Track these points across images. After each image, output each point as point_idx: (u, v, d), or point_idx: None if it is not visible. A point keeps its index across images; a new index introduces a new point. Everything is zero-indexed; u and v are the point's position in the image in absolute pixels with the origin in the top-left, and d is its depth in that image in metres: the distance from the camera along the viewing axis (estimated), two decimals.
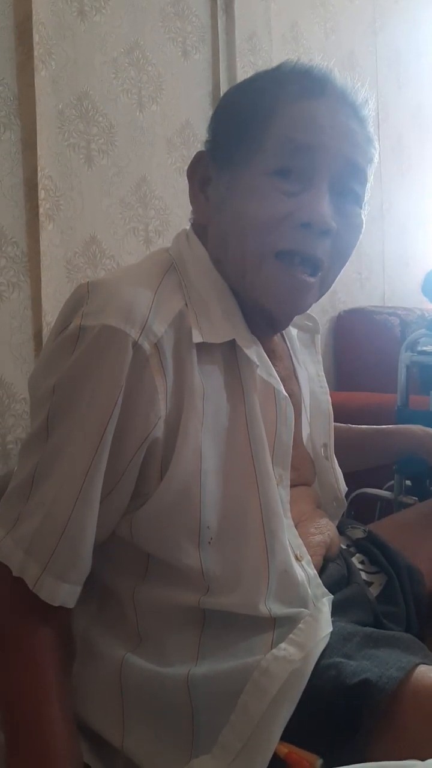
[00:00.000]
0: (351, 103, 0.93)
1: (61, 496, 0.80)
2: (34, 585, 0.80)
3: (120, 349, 0.79)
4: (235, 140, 0.91)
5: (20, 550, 0.80)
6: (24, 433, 1.78)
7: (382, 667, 0.77)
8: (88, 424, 0.80)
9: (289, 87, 0.90)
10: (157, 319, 0.82)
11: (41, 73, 1.73)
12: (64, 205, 1.82)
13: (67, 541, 0.81)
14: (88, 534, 0.82)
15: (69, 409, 0.82)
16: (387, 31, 3.11)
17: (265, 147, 0.88)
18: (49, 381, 0.84)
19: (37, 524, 0.80)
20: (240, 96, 0.95)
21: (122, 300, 0.81)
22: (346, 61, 2.85)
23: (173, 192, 2.12)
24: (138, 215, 2.02)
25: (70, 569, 0.81)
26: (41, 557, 0.80)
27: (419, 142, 3.34)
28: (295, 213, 0.86)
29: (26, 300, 1.76)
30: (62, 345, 0.82)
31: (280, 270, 0.89)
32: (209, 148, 0.98)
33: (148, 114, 2.04)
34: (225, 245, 0.93)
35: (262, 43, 2.39)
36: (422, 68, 3.35)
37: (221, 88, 2.24)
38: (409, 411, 1.85)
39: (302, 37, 2.63)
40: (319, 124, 0.88)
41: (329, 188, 0.88)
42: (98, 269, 1.91)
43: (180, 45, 2.13)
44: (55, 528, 0.80)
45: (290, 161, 0.87)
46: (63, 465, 0.81)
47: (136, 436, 0.82)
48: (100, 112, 1.91)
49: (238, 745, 0.76)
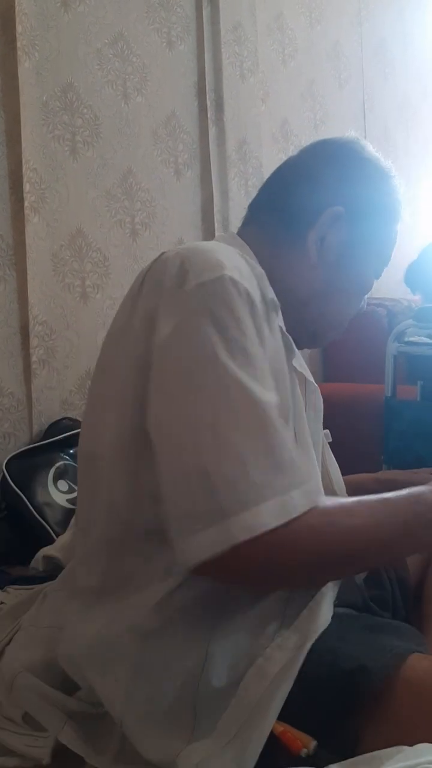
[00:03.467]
0: None
1: (280, 425, 0.82)
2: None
3: (243, 296, 0.84)
4: (373, 232, 1.04)
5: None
6: (12, 428, 1.78)
7: (379, 654, 0.79)
8: (262, 361, 0.84)
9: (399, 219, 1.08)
10: (250, 281, 0.88)
11: (25, 65, 1.72)
12: (49, 198, 1.81)
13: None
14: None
15: (246, 355, 0.83)
16: (372, 21, 3.10)
17: (385, 254, 1.09)
18: (203, 341, 0.81)
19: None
20: (385, 201, 1.06)
21: (225, 258, 0.86)
22: (331, 51, 2.85)
23: (159, 184, 2.12)
24: (124, 207, 2.01)
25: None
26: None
27: (405, 131, 3.35)
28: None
29: (12, 293, 1.76)
30: (192, 307, 0.82)
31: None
32: (346, 213, 1.00)
33: (133, 105, 2.03)
34: (322, 292, 1.02)
35: (247, 34, 2.38)
36: (408, 58, 3.36)
37: (206, 79, 2.23)
38: (396, 401, 1.86)
39: (287, 28, 2.63)
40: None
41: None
42: (84, 262, 1.91)
43: (165, 36, 2.12)
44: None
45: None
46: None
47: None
48: (85, 104, 1.90)
49: (235, 727, 0.77)
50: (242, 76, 2.36)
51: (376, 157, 1.05)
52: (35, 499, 1.61)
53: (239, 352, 0.81)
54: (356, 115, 2.98)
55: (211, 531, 0.74)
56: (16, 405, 1.76)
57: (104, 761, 0.84)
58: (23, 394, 1.78)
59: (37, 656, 0.94)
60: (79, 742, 0.85)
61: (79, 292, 1.90)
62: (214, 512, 0.74)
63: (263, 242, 1.02)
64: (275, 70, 2.57)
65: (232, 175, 2.32)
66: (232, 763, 0.75)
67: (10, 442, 1.75)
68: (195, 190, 2.23)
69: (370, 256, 1.05)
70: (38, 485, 1.64)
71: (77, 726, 0.86)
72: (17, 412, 1.76)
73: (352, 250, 1.02)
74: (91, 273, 1.92)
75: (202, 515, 0.74)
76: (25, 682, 0.90)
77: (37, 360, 1.78)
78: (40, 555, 1.41)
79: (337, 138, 1.07)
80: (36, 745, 0.87)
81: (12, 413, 1.76)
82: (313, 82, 2.74)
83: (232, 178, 2.32)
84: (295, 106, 2.66)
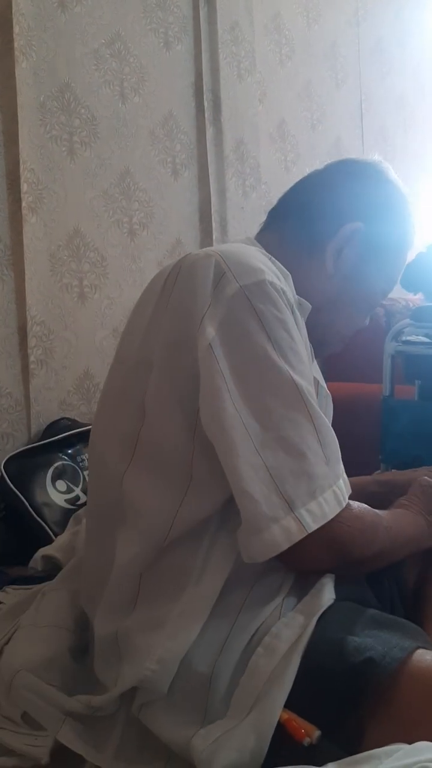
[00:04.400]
0: None
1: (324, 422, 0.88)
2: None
3: (283, 298, 0.89)
4: (386, 251, 1.08)
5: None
6: (10, 428, 1.78)
7: (385, 647, 0.79)
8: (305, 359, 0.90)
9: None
10: (284, 283, 0.93)
11: (22, 65, 1.72)
12: (47, 198, 1.81)
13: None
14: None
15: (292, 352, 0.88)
16: (370, 21, 3.11)
17: (393, 276, 1.13)
18: (252, 342, 0.86)
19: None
20: (401, 224, 1.09)
21: (259, 260, 0.91)
22: (328, 51, 2.85)
23: (156, 184, 2.12)
24: (122, 207, 2.01)
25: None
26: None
27: (402, 130, 3.36)
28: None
29: (10, 293, 1.76)
30: (238, 310, 0.86)
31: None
32: (364, 230, 1.04)
33: (131, 105, 2.03)
34: (334, 302, 1.06)
35: (245, 34, 2.38)
36: (405, 57, 3.36)
37: (203, 79, 2.23)
38: (394, 400, 1.86)
39: (285, 28, 2.63)
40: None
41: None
42: (82, 262, 1.91)
43: (162, 36, 2.12)
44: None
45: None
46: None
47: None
48: (82, 104, 1.90)
49: (250, 700, 0.79)
50: (239, 76, 2.36)
51: (397, 181, 1.10)
52: (34, 500, 1.61)
53: (288, 351, 0.86)
54: (353, 115, 2.98)
55: (275, 528, 0.80)
56: (14, 405, 1.76)
57: (104, 759, 0.85)
58: (21, 395, 1.78)
59: (36, 655, 0.94)
60: (79, 741, 0.86)
61: (77, 292, 1.90)
62: (280, 507, 0.81)
63: (282, 249, 1.05)
64: (272, 70, 2.57)
65: (230, 175, 2.32)
66: (252, 733, 0.77)
67: (8, 443, 1.75)
68: (192, 190, 2.23)
69: (381, 274, 1.10)
70: (37, 485, 1.64)
71: (76, 725, 0.87)
72: (15, 412, 1.77)
73: (365, 266, 1.06)
74: (88, 273, 1.92)
75: (270, 511, 0.80)
76: (24, 681, 0.91)
77: (35, 360, 1.78)
78: (39, 555, 1.42)
79: (362, 158, 1.13)
80: (35, 744, 0.87)
81: (10, 413, 1.76)
82: (310, 82, 2.74)
83: (230, 178, 2.32)
84: (293, 106, 2.66)
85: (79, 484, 1.70)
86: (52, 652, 0.95)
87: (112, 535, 0.92)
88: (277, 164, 2.58)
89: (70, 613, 1.02)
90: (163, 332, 0.89)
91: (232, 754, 0.75)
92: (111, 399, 0.98)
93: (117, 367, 0.98)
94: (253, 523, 0.81)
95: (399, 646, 0.80)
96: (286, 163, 2.62)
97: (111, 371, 0.99)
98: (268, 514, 0.80)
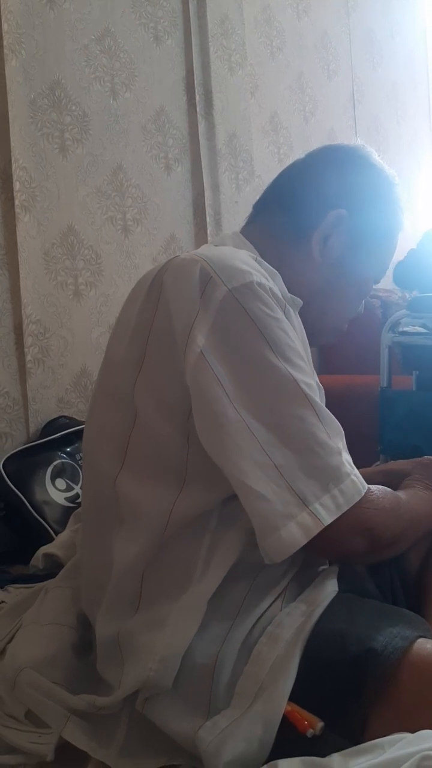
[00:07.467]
0: None
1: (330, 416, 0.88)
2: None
3: (272, 297, 0.89)
4: (374, 236, 1.07)
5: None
6: (8, 427, 1.78)
7: (386, 637, 0.80)
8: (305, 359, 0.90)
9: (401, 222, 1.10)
10: (271, 282, 0.92)
11: (11, 63, 1.71)
12: (39, 196, 1.80)
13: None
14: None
15: (290, 351, 0.87)
16: (360, 12, 3.10)
17: (385, 260, 1.11)
18: (250, 345, 0.86)
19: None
20: (388, 208, 1.08)
21: (244, 262, 0.90)
22: (319, 42, 2.84)
23: (149, 179, 2.11)
24: (115, 204, 2.01)
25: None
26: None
27: (395, 121, 3.35)
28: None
29: (5, 293, 1.76)
30: (229, 313, 0.85)
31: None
32: (349, 216, 1.03)
33: (122, 101, 2.02)
34: (323, 291, 1.05)
35: (235, 27, 2.37)
36: (396, 47, 3.35)
37: (194, 73, 2.22)
38: (392, 391, 1.87)
39: (275, 20, 2.62)
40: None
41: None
42: (77, 259, 1.91)
43: (152, 30, 2.11)
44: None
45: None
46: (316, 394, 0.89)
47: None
48: (73, 101, 1.89)
49: (255, 688, 0.79)
50: (231, 70, 2.35)
51: (381, 165, 1.09)
52: (34, 498, 1.62)
53: (285, 348, 0.85)
54: (345, 106, 2.97)
55: (292, 525, 0.80)
56: (11, 404, 1.76)
57: (109, 755, 0.85)
58: (19, 394, 1.78)
59: (39, 653, 0.94)
60: (83, 737, 0.86)
61: (72, 290, 1.89)
62: (294, 504, 0.80)
63: (268, 242, 1.04)
64: (263, 62, 2.56)
65: (223, 169, 2.32)
66: (259, 722, 0.77)
67: (6, 442, 1.75)
68: (186, 185, 2.23)
69: (370, 260, 1.08)
70: (36, 484, 1.65)
71: (80, 722, 0.87)
72: (13, 411, 1.77)
73: (353, 253, 1.05)
74: (83, 270, 1.92)
75: (284, 508, 0.80)
76: (27, 679, 0.91)
77: (31, 359, 1.78)
78: (40, 553, 1.42)
79: (344, 144, 1.11)
80: (39, 741, 0.87)
81: (8, 413, 1.76)
82: (301, 74, 2.73)
83: (223, 172, 2.32)
84: (285, 99, 2.66)
85: (79, 482, 1.70)
86: (55, 649, 0.95)
87: (109, 536, 0.91)
88: (270, 157, 2.57)
89: (72, 611, 1.02)
90: (151, 338, 0.88)
91: (239, 745, 0.75)
92: (101, 401, 0.97)
93: (106, 369, 0.97)
94: (270, 522, 0.80)
95: (400, 636, 0.80)
96: (279, 156, 2.61)
97: (100, 373, 0.99)
98: (282, 512, 0.80)
